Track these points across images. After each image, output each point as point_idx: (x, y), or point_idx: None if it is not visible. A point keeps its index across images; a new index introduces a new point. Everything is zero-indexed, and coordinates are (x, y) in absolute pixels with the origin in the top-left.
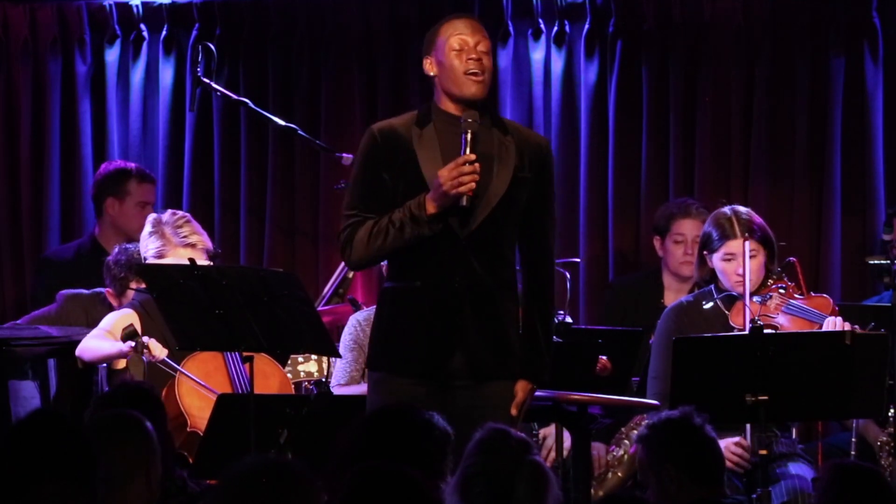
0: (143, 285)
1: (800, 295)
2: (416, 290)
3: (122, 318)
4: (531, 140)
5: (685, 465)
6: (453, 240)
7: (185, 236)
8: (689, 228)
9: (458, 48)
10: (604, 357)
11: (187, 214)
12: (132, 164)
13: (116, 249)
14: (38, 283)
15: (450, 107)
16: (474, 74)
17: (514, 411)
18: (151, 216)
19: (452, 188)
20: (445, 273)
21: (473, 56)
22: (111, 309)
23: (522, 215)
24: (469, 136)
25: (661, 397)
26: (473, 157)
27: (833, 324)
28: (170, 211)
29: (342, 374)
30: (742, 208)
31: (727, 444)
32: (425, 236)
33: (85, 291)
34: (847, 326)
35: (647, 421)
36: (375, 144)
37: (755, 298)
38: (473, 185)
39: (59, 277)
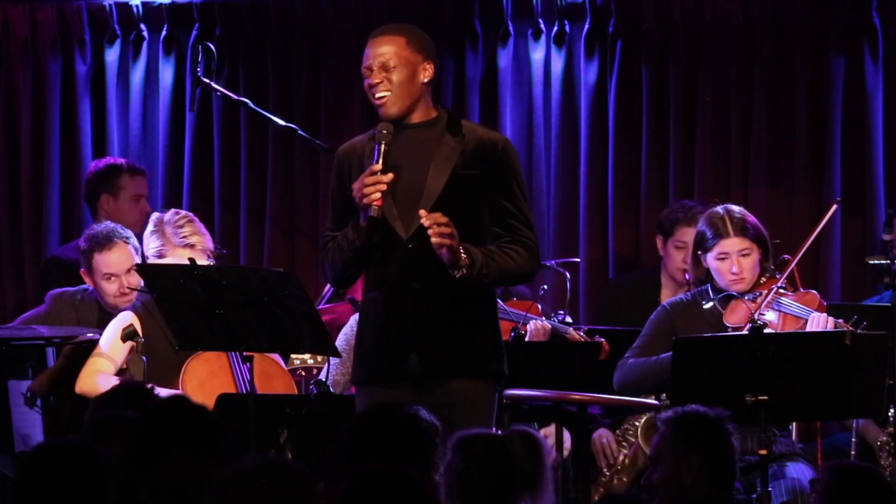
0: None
1: (791, 291)
2: (376, 300)
3: (119, 338)
4: (484, 138)
5: (709, 460)
6: (400, 245)
7: (185, 237)
8: (691, 237)
9: (364, 75)
10: (603, 339)
11: (190, 214)
12: (121, 160)
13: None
14: (48, 283)
15: None
16: (379, 98)
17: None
18: (154, 215)
19: (359, 200)
20: (399, 279)
21: (370, 81)
22: (97, 303)
23: (479, 210)
24: (382, 147)
25: (634, 352)
26: (379, 167)
27: (818, 320)
28: (172, 210)
29: (328, 377)
30: (735, 207)
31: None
32: (360, 246)
33: (70, 289)
34: (831, 322)
35: (677, 408)
36: (338, 164)
37: (746, 297)
38: (378, 195)
39: (69, 277)
